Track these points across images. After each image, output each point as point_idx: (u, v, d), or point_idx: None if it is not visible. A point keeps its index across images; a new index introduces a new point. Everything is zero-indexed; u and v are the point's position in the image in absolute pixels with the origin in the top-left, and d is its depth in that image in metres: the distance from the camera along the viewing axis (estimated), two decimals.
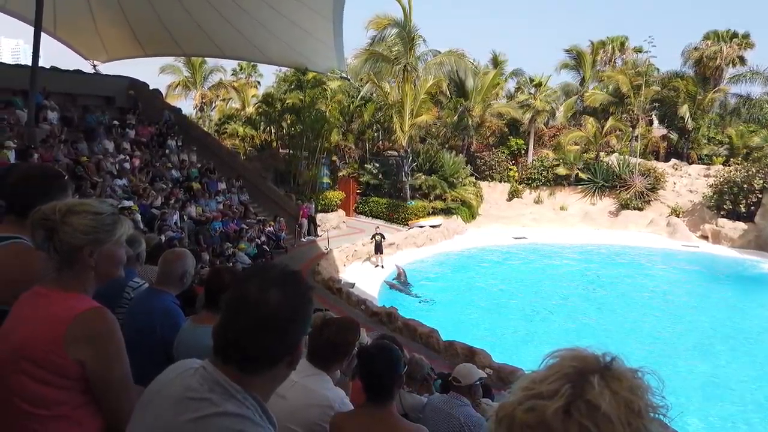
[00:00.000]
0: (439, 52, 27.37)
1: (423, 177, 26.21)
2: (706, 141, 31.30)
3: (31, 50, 12.84)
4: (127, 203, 12.55)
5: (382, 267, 18.47)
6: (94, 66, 22.48)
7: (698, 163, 29.61)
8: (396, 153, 26.96)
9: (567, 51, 32.78)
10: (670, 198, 26.58)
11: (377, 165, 27.40)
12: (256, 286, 1.22)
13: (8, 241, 2.14)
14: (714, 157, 30.20)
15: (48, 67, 17.97)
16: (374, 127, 29.44)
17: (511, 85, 34.74)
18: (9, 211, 2.24)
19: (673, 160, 29.44)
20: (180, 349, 2.68)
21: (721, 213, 24.38)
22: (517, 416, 0.78)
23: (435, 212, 25.21)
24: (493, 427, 0.83)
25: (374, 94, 27.29)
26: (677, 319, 15.16)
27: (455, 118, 29.72)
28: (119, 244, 1.83)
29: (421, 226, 23.16)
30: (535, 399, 0.78)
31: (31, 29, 13.05)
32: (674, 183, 27.27)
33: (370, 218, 25.56)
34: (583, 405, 0.76)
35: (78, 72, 19.64)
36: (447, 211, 25.47)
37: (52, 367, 1.63)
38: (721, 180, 25.09)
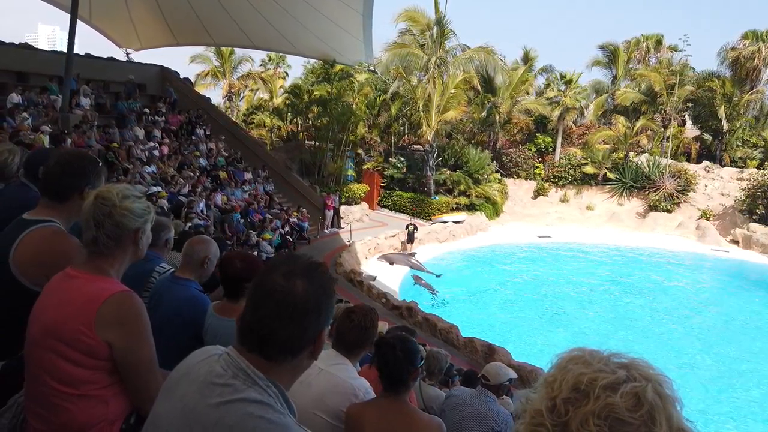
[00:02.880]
0: (468, 47, 27.16)
1: (448, 172, 26.11)
2: (740, 143, 30.51)
3: (67, 37, 13.15)
4: (155, 189, 12.77)
5: (414, 254, 18.86)
6: (127, 54, 22.89)
7: (731, 166, 28.88)
8: (421, 147, 26.88)
9: (601, 47, 32.17)
10: (701, 201, 26.01)
11: (402, 159, 27.34)
12: (282, 275, 1.24)
13: (42, 224, 2.20)
14: (748, 160, 29.42)
15: (83, 54, 18.34)
16: (400, 121, 29.38)
17: (540, 81, 34.31)
18: (44, 195, 2.30)
19: (705, 162, 28.75)
20: (207, 338, 2.73)
21: (754, 218, 23.78)
22: (618, 403, 0.79)
23: (459, 208, 25.08)
24: (553, 421, 0.84)
25: (401, 88, 27.19)
26: (703, 325, 14.87)
27: (482, 114, 29.49)
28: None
29: (445, 222, 23.08)
30: (630, 383, 0.81)
31: (68, 16, 13.35)
32: (705, 185, 26.65)
33: (394, 212, 25.57)
34: (657, 385, 0.82)
35: (111, 59, 20.00)
36: (471, 208, 25.32)
37: (82, 347, 1.68)
38: (755, 184, 24.47)
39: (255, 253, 13.53)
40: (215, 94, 33.88)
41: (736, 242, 23.49)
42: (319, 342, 1.29)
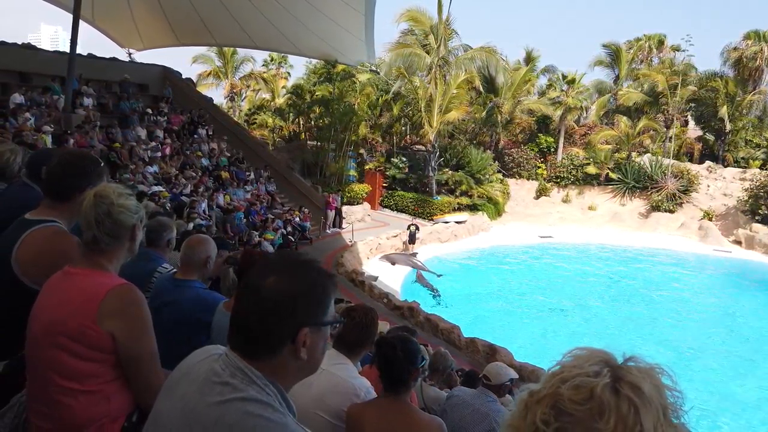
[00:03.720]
0: (470, 47, 27.15)
1: (449, 172, 26.10)
2: (743, 144, 30.45)
3: (69, 37, 13.17)
4: (156, 189, 12.78)
5: (416, 254, 18.88)
6: (130, 54, 22.93)
7: (734, 166, 28.83)
8: (423, 148, 26.88)
9: (604, 46, 32.08)
10: (703, 201, 25.97)
11: (404, 159, 27.35)
12: (258, 272, 1.25)
13: (44, 224, 2.21)
14: (751, 161, 29.36)
15: (85, 54, 18.37)
16: (402, 121, 29.38)
17: (542, 81, 34.30)
18: (46, 195, 2.31)
19: (708, 163, 28.71)
20: (214, 333, 2.73)
21: (756, 218, 23.74)
22: (564, 394, 0.81)
23: (460, 208, 25.08)
24: (521, 411, 0.86)
25: (403, 89, 27.20)
26: (705, 326, 14.83)
27: (484, 114, 29.47)
28: None
29: (446, 222, 23.08)
30: (581, 377, 0.82)
31: (70, 16, 13.37)
32: (708, 186, 26.61)
33: (396, 212, 25.57)
34: (626, 385, 0.80)
35: (114, 59, 20.02)
36: (473, 208, 25.32)
37: (86, 340, 1.71)
38: (758, 184, 24.42)
39: None
40: (217, 94, 33.97)
41: (738, 243, 23.44)
42: (298, 341, 1.24)
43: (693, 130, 33.48)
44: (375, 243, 19.02)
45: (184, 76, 22.47)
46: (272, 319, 1.22)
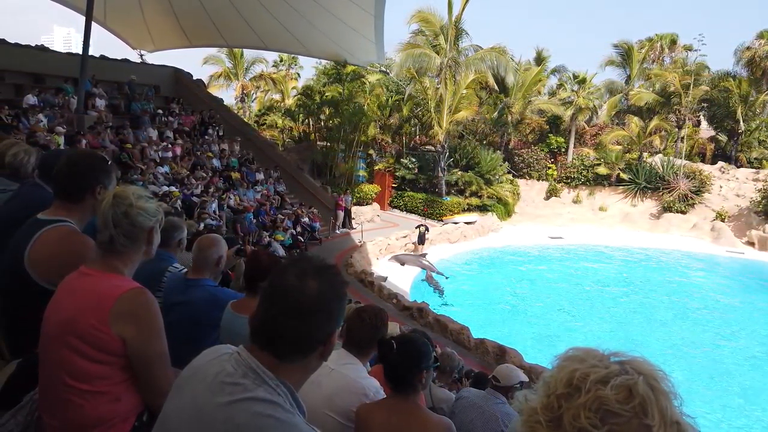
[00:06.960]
0: (480, 48, 27.08)
1: (459, 173, 26.04)
2: (756, 144, 30.13)
3: (82, 39, 13.30)
4: (167, 189, 12.86)
5: (425, 255, 18.80)
6: (141, 55, 23.11)
7: (747, 167, 28.52)
8: (433, 148, 26.84)
9: (615, 46, 31.81)
10: (716, 202, 25.71)
11: (413, 160, 27.32)
12: (295, 275, 1.25)
13: (56, 223, 2.23)
14: (764, 161, 29.05)
15: (97, 55, 18.53)
16: (412, 122, 29.36)
17: (553, 81, 34.12)
18: (57, 195, 2.33)
19: (720, 163, 28.44)
20: (222, 335, 2.74)
21: None
22: (609, 396, 0.81)
23: (470, 209, 25.02)
24: (545, 416, 0.86)
25: (413, 89, 27.17)
26: (718, 328, 14.67)
27: (495, 114, 29.38)
28: None
29: (456, 223, 23.02)
30: (619, 376, 0.83)
31: (83, 18, 13.50)
32: (720, 186, 26.35)
33: (405, 213, 25.55)
34: (652, 379, 0.83)
35: (125, 61, 20.17)
36: (482, 208, 25.25)
37: (96, 342, 1.71)
38: None
39: None
40: (228, 95, 34.12)
41: (751, 244, 23.19)
42: (330, 343, 1.30)
43: (705, 131, 33.18)
44: (384, 243, 19.00)
45: (194, 78, 22.59)
46: (314, 324, 1.25)
